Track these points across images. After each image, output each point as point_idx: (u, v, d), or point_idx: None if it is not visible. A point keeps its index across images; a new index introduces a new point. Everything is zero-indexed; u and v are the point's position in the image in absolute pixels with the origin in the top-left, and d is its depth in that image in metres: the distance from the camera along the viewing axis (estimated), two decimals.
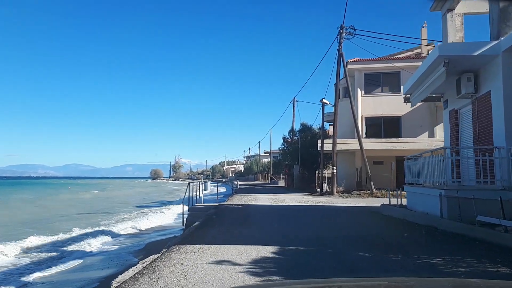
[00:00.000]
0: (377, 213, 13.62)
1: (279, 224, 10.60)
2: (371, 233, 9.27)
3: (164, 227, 18.34)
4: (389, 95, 28.13)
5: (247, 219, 11.64)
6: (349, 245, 7.54)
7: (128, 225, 18.64)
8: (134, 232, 17.67)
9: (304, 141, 35.63)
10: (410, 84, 13.70)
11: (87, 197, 46.00)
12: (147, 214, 24.12)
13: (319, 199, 21.63)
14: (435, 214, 9.80)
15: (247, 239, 8.16)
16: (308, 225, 10.49)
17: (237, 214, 13.35)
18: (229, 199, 22.73)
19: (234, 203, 18.61)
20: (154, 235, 16.13)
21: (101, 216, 25.12)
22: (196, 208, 16.87)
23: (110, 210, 29.16)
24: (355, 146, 25.77)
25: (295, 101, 40.23)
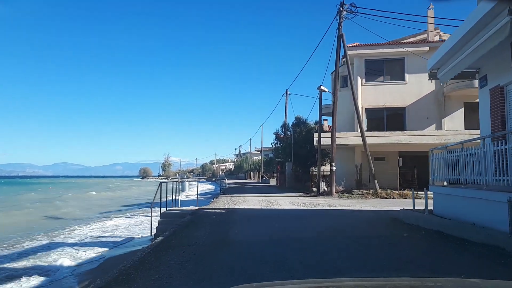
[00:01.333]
0: (397, 221, 10.62)
1: (274, 245, 7.48)
2: (418, 261, 6.18)
3: (134, 236, 15.13)
4: (392, 84, 25.22)
5: (227, 233, 8.50)
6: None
7: (90, 232, 15.38)
8: (95, 242, 14.44)
9: (298, 136, 32.60)
10: (439, 56, 10.67)
11: (56, 198, 41.97)
12: (113, 219, 20.80)
13: (317, 200, 18.59)
14: (495, 227, 6.79)
15: (219, 277, 5.05)
16: (314, 245, 7.40)
17: (216, 224, 10.21)
18: (214, 201, 19.58)
19: (218, 206, 15.48)
20: (117, 249, 12.91)
21: (57, 222, 21.78)
22: (170, 213, 13.72)
23: (77, 215, 25.75)
24: (356, 140, 22.80)
25: (288, 94, 37.23)
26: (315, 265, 5.72)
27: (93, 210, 26.95)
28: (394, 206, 15.10)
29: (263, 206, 15.56)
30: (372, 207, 15.01)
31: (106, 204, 32.90)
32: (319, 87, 21.19)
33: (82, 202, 35.30)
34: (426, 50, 24.27)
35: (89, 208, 28.75)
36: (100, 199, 40.05)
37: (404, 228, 9.19)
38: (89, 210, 27.12)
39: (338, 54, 20.75)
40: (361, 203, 16.71)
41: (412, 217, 10.02)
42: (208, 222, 10.38)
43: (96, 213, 25.03)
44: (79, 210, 27.33)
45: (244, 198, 20.59)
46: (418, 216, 9.80)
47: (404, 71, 25.02)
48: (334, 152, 20.88)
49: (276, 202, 17.59)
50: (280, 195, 23.11)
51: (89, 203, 34.13)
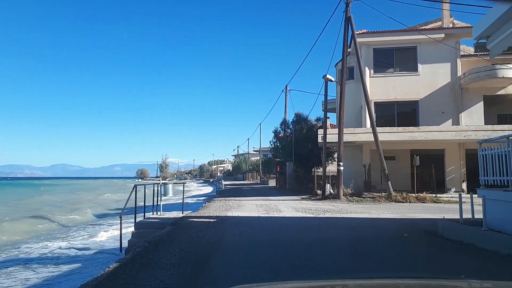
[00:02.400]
0: (436, 236, 7.99)
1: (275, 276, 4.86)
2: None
3: (103, 247, 12.47)
4: (403, 76, 22.65)
5: (206, 263, 5.81)
6: None
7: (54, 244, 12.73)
8: (59, 254, 11.79)
9: (299, 135, 29.99)
10: (490, 20, 8.05)
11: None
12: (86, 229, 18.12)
13: (323, 205, 15.97)
14: None
15: None
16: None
17: (196, 244, 7.55)
18: (205, 205, 16.95)
19: (207, 213, 12.84)
20: (70, 269, 10.24)
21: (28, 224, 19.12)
22: (146, 223, 11.09)
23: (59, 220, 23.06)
24: (365, 137, 20.23)
25: (288, 90, 34.63)
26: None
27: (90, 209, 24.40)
28: (417, 213, 12.51)
29: (261, 212, 12.93)
30: (391, 214, 12.39)
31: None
32: (325, 76, 18.59)
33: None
34: (441, 37, 21.72)
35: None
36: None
37: (457, 249, 6.55)
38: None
39: (346, 38, 18.16)
40: (376, 209, 14.10)
41: (461, 232, 7.37)
42: (185, 240, 7.73)
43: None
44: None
45: (240, 202, 17.96)
46: (471, 231, 7.15)
47: (416, 61, 22.45)
48: (342, 149, 18.28)
49: (276, 207, 14.97)
50: (281, 198, 20.48)
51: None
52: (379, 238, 8.05)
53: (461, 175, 21.37)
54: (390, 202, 16.84)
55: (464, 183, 21.24)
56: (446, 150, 21.80)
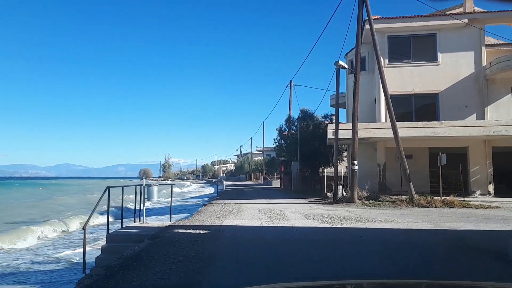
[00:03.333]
0: (506, 258, 5.62)
1: None
2: None
3: (76, 262, 10.17)
4: (421, 66, 20.28)
5: None
6: None
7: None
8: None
9: (305, 132, 27.68)
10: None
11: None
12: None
13: (336, 210, 13.64)
14: None
15: None
16: None
17: (175, 268, 5.25)
18: (200, 210, 14.67)
19: (200, 221, 10.55)
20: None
21: None
22: (123, 234, 8.82)
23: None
24: (381, 133, 17.88)
25: (292, 85, 32.32)
26: None
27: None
28: (454, 221, 10.17)
29: (265, 220, 10.61)
30: (423, 223, 10.03)
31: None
32: (337, 63, 16.24)
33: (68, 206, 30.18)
34: (463, 24, 19.35)
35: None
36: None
37: None
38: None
39: (361, 17, 15.81)
40: (401, 216, 11.74)
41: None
42: (157, 267, 5.41)
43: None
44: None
45: (240, 206, 15.66)
46: None
47: (436, 50, 20.07)
48: (356, 147, 15.93)
49: (282, 213, 12.65)
50: (286, 201, 18.16)
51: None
52: (428, 263, 5.72)
53: (488, 176, 18.96)
54: (413, 207, 14.49)
55: (491, 184, 18.83)
56: (469, 148, 19.40)
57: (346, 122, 22.89)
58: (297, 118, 28.70)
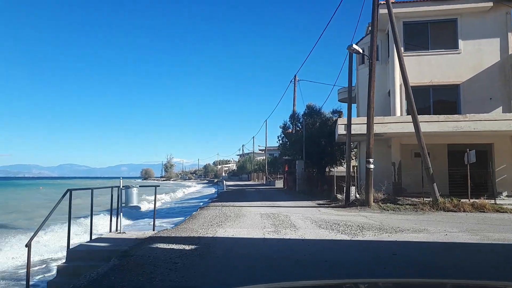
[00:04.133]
0: None
1: None
2: None
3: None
4: (441, 54, 18.27)
5: None
6: None
7: None
8: None
9: (311, 129, 25.72)
10: None
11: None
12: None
13: (351, 216, 11.68)
14: None
15: None
16: None
17: None
18: (194, 215, 12.74)
19: (190, 231, 8.61)
20: None
21: None
22: (89, 250, 6.89)
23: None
24: (397, 128, 15.93)
25: (297, 80, 30.34)
26: None
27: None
28: (497, 231, 8.18)
29: (268, 230, 8.66)
30: (464, 233, 8.04)
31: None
32: (350, 47, 14.25)
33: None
34: (488, 7, 17.35)
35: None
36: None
37: None
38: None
39: (377, 0, 13.85)
40: (430, 223, 9.77)
41: None
42: None
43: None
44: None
45: (240, 209, 13.73)
46: None
47: (456, 37, 18.05)
48: (372, 142, 13.96)
49: (288, 219, 10.70)
50: (291, 204, 16.21)
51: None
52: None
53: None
54: (438, 211, 12.51)
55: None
56: (494, 144, 17.37)
57: (357, 117, 20.90)
58: (303, 114, 26.75)
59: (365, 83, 20.66)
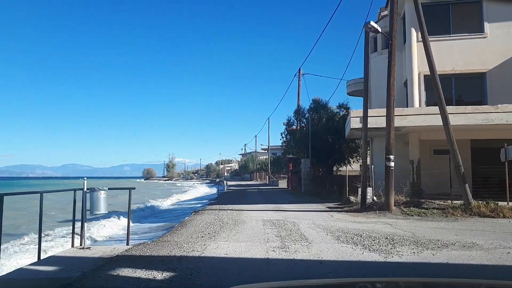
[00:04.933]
0: None
1: None
2: None
3: None
4: (464, 39, 16.27)
5: None
6: None
7: None
8: None
9: (317, 125, 23.77)
10: None
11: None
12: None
13: (372, 223, 9.70)
14: None
15: None
16: None
17: None
18: (183, 222, 10.81)
19: (168, 249, 6.63)
20: None
21: None
22: (22, 280, 4.91)
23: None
24: (419, 121, 13.98)
25: (301, 74, 28.36)
26: None
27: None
28: None
29: (273, 245, 6.70)
30: None
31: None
32: (367, 24, 12.21)
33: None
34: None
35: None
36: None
37: None
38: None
39: None
40: (473, 234, 7.78)
41: None
42: None
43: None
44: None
45: (240, 214, 11.79)
46: None
47: (482, 20, 16.04)
48: (392, 137, 11.95)
49: (296, 228, 8.75)
50: (298, 207, 14.25)
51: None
52: None
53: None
54: (472, 217, 10.51)
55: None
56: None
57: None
58: (308, 109, 24.79)
59: (377, 73, 18.71)
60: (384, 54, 18.28)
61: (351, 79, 21.86)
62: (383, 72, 17.51)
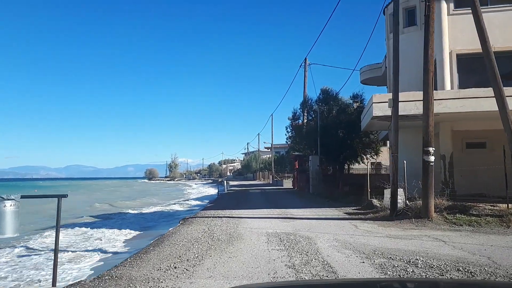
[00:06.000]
0: None
1: None
2: None
3: None
4: (505, 10, 13.60)
5: None
6: None
7: None
8: None
9: (326, 118, 21.13)
10: None
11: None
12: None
13: (415, 238, 7.06)
14: None
15: None
16: None
17: None
18: (163, 237, 8.21)
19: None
20: None
21: None
22: None
23: None
24: (456, 106, 11.33)
25: (308, 64, 25.71)
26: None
27: None
28: None
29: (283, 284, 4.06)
30: None
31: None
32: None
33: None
34: None
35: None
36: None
37: None
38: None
39: None
40: None
41: None
42: None
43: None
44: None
45: (238, 224, 9.20)
46: None
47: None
48: (432, 124, 9.27)
49: (313, 248, 6.14)
50: (310, 213, 11.61)
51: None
52: None
53: None
54: None
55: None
56: None
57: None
58: (317, 100, 22.12)
59: (403, 53, 16.08)
60: (406, 33, 15.65)
61: (365, 65, 19.21)
62: (405, 53, 14.90)
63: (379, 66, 18.37)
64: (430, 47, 9.16)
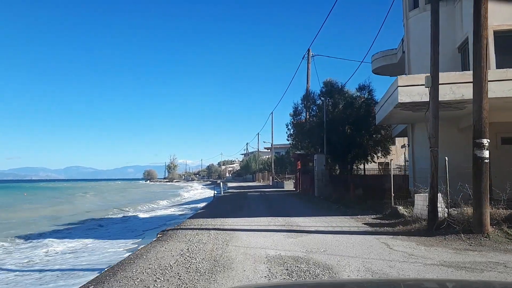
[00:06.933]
0: None
1: None
2: None
3: None
4: None
5: None
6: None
7: None
8: None
9: (332, 113, 18.84)
10: None
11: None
12: None
13: (475, 268, 4.74)
14: None
15: None
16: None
17: None
18: (121, 266, 5.84)
19: None
20: None
21: None
22: None
23: None
24: (506, 89, 8.98)
25: (311, 55, 23.43)
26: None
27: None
28: None
29: None
30: None
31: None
32: None
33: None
34: None
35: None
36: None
37: None
38: None
39: None
40: None
41: None
42: None
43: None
44: None
45: (229, 241, 6.88)
46: None
47: None
48: (487, 108, 6.98)
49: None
50: (321, 225, 9.28)
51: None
52: None
53: None
54: None
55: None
56: None
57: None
58: (320, 94, 19.83)
59: (419, 37, 13.81)
60: (428, 10, 13.36)
61: (377, 52, 16.91)
62: (426, 34, 12.64)
63: (394, 52, 16.07)
64: (483, 5, 6.86)
